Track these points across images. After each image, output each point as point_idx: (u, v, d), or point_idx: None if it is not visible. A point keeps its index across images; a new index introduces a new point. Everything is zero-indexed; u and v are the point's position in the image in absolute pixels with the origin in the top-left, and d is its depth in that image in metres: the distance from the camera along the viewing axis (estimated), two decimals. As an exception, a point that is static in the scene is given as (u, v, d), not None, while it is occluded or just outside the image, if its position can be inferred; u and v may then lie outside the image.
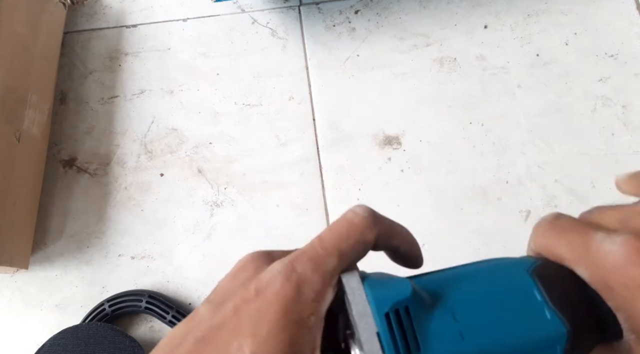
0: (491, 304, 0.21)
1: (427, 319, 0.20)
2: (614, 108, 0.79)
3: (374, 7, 0.87)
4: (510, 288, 0.21)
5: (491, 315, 0.21)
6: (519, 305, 0.21)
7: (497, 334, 0.20)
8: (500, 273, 0.22)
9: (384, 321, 0.19)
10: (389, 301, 0.20)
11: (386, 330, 0.19)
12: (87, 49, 0.87)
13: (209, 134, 0.80)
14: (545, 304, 0.21)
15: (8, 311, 0.73)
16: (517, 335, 0.20)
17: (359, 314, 0.20)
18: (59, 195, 0.78)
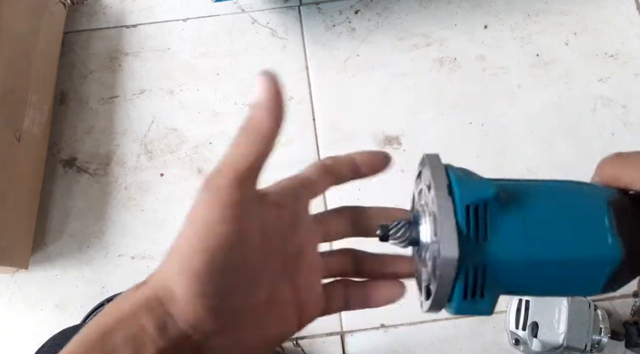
0: (561, 218, 0.23)
1: (500, 218, 0.23)
2: (614, 108, 0.79)
3: (374, 7, 0.87)
4: (584, 209, 0.24)
5: (559, 228, 0.23)
6: (587, 225, 0.23)
7: (558, 244, 0.23)
8: (580, 194, 0.25)
9: (464, 212, 0.22)
10: (473, 196, 0.23)
11: (464, 219, 0.22)
12: (87, 49, 0.87)
13: (209, 134, 0.80)
14: (610, 230, 0.23)
15: (8, 311, 0.72)
16: (576, 248, 0.23)
17: (441, 201, 0.23)
18: (59, 195, 0.78)
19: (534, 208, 0.24)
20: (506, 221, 0.23)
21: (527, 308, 0.64)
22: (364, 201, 0.82)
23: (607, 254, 0.23)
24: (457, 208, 0.23)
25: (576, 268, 0.23)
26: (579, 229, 0.23)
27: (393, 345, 0.68)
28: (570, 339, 0.61)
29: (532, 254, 0.23)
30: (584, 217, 0.23)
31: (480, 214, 0.23)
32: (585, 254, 0.23)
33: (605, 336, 0.62)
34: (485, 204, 0.23)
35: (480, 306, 0.23)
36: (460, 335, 0.69)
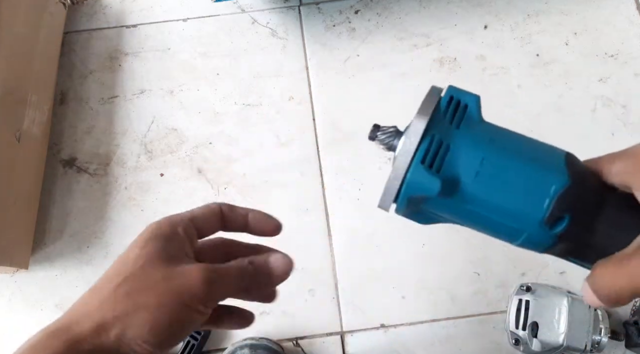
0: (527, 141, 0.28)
1: (477, 120, 0.27)
2: (614, 108, 0.79)
3: (374, 7, 0.87)
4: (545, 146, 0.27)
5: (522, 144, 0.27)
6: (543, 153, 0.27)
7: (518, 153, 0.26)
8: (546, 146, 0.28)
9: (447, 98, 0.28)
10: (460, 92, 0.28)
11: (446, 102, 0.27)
12: (87, 49, 0.87)
13: (209, 134, 0.80)
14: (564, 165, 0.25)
15: (8, 311, 0.73)
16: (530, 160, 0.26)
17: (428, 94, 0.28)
18: (59, 195, 0.78)
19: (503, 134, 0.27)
20: (481, 124, 0.27)
21: (527, 308, 0.64)
22: (364, 200, 0.82)
23: (556, 175, 0.25)
24: (443, 97, 0.27)
25: (528, 177, 0.25)
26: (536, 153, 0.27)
27: (393, 345, 0.68)
28: (570, 339, 0.61)
29: (492, 151, 0.26)
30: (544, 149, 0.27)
31: (461, 108, 0.27)
32: (535, 167, 0.25)
33: (605, 336, 0.62)
34: (466, 105, 0.27)
35: (431, 183, 0.25)
36: (460, 335, 0.69)
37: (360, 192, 0.76)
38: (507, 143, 0.27)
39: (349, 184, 0.77)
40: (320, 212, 0.75)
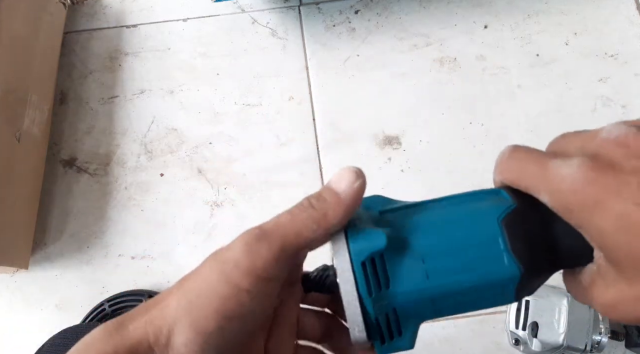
0: (457, 249, 0.24)
1: (398, 261, 0.24)
2: (614, 108, 0.79)
3: (374, 7, 0.87)
4: (477, 234, 0.24)
5: (456, 258, 0.24)
6: (482, 250, 0.24)
7: (459, 275, 0.24)
8: (471, 219, 0.25)
9: (360, 270, 0.23)
10: (365, 252, 0.23)
11: (362, 276, 0.23)
12: (87, 49, 0.87)
13: (209, 134, 0.80)
14: (505, 251, 0.23)
15: (8, 311, 0.73)
16: (476, 276, 0.24)
17: (341, 264, 0.24)
18: (59, 195, 0.78)
19: (430, 245, 0.24)
20: (405, 263, 0.24)
21: (527, 308, 0.64)
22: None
23: (506, 275, 0.23)
24: (355, 268, 0.23)
25: (481, 292, 0.24)
26: (475, 255, 0.24)
27: (393, 345, 0.68)
28: (570, 339, 0.61)
29: (435, 288, 0.24)
30: (479, 243, 0.24)
31: (378, 265, 0.24)
32: (485, 280, 0.24)
33: (605, 336, 0.62)
34: (382, 255, 0.24)
35: (401, 343, 0.25)
36: (460, 335, 0.69)
37: (360, 192, 0.76)
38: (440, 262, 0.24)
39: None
40: (320, 212, 0.75)
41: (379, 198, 0.28)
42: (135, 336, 0.23)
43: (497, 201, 0.25)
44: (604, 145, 0.22)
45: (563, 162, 0.22)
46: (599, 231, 0.21)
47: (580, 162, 0.21)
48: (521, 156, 0.24)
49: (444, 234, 0.25)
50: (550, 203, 0.22)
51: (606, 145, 0.22)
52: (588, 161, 0.21)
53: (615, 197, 0.20)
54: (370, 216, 0.26)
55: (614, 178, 0.20)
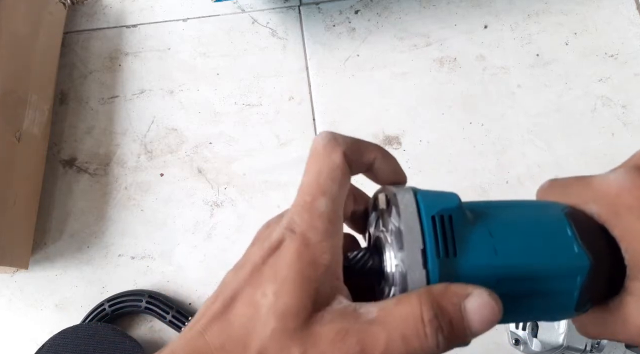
0: (527, 230, 0.23)
1: (467, 231, 0.22)
2: (614, 108, 0.79)
3: (374, 7, 0.87)
4: (546, 221, 0.23)
5: (525, 239, 0.23)
6: (551, 236, 0.23)
7: (528, 255, 0.22)
8: (539, 208, 0.25)
9: (430, 222, 0.21)
10: (436, 206, 0.22)
11: (431, 230, 0.21)
12: (87, 49, 0.87)
13: (209, 134, 0.80)
14: (575, 240, 0.23)
15: (8, 311, 0.73)
16: (545, 259, 0.22)
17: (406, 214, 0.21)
18: (59, 195, 0.78)
19: (499, 222, 0.23)
20: (473, 234, 0.22)
21: (527, 308, 0.64)
22: (364, 201, 0.81)
23: (576, 263, 0.22)
24: (424, 221, 0.22)
25: (548, 281, 0.23)
26: (545, 240, 0.23)
27: (393, 345, 0.68)
28: (570, 339, 0.61)
29: (502, 266, 0.22)
30: (548, 229, 0.23)
31: (447, 225, 0.22)
32: (555, 265, 0.22)
33: (605, 336, 0.62)
34: (450, 216, 0.22)
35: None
36: (460, 335, 0.69)
37: (360, 192, 0.76)
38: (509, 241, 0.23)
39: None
40: (320, 212, 0.75)
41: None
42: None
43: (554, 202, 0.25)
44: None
45: (608, 174, 0.22)
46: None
47: (626, 170, 0.22)
48: (561, 182, 0.25)
49: (512, 216, 0.24)
50: (597, 211, 0.22)
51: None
52: (633, 169, 0.22)
53: None
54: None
55: None
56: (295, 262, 0.20)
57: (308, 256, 0.21)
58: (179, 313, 0.68)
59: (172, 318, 0.68)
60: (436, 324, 0.19)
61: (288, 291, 0.20)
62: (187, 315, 0.69)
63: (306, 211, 0.22)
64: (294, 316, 0.19)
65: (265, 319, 0.19)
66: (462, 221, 0.22)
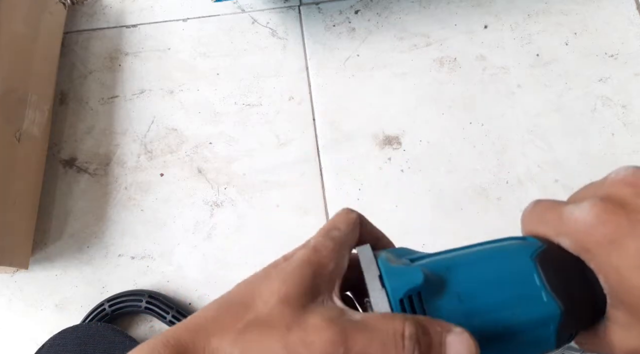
0: (494, 287, 0.23)
1: (436, 301, 0.23)
2: (614, 108, 0.79)
3: (374, 7, 0.87)
4: (512, 272, 0.23)
5: (494, 297, 0.23)
6: (519, 288, 0.23)
7: (499, 315, 0.23)
8: (504, 257, 0.24)
9: (399, 307, 0.22)
10: (403, 287, 0.22)
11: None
12: (87, 49, 0.87)
13: (209, 134, 0.80)
14: (543, 288, 0.23)
15: (8, 311, 0.73)
16: (516, 315, 0.23)
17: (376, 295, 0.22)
18: (59, 195, 0.78)
19: (466, 283, 0.23)
20: (442, 303, 0.23)
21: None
22: (364, 200, 0.82)
23: (546, 313, 0.23)
24: (392, 304, 0.22)
25: (522, 334, 0.23)
26: (513, 295, 0.23)
27: (393, 345, 0.68)
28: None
29: (476, 329, 0.22)
30: (516, 281, 0.23)
31: (416, 303, 0.22)
32: (526, 318, 0.23)
33: (605, 336, 0.62)
34: (419, 293, 0.22)
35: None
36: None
37: (360, 192, 0.76)
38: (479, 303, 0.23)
39: (349, 184, 0.77)
40: (320, 212, 0.75)
41: (405, 249, 0.27)
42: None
43: (526, 243, 0.25)
44: (613, 185, 0.22)
45: (575, 206, 0.23)
46: (616, 270, 0.21)
47: (591, 204, 0.22)
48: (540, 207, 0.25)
49: (478, 273, 0.24)
50: (569, 246, 0.23)
51: (615, 185, 0.22)
52: (599, 202, 0.22)
53: (629, 236, 0.21)
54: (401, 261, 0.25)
55: (626, 217, 0.21)
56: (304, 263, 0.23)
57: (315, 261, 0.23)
58: (179, 313, 0.68)
59: (172, 318, 0.68)
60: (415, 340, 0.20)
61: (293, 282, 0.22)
62: (187, 315, 0.69)
63: (322, 235, 0.25)
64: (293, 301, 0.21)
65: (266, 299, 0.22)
66: (430, 293, 0.23)
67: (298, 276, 0.22)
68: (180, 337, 0.21)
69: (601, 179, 0.24)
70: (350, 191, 0.76)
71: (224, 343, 0.21)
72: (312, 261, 0.23)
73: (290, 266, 0.23)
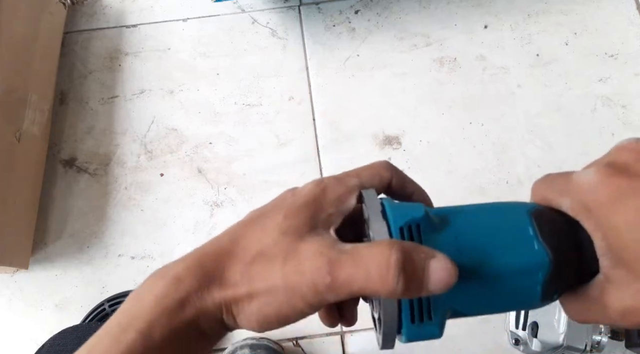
0: (489, 231, 0.25)
1: (433, 236, 0.24)
2: (614, 108, 0.79)
3: (374, 7, 0.87)
4: (508, 221, 0.25)
5: (487, 239, 0.24)
6: (513, 235, 0.25)
7: (490, 254, 0.24)
8: (502, 209, 0.26)
9: (398, 234, 0.24)
10: (404, 217, 0.24)
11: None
12: (87, 49, 0.87)
13: (209, 134, 0.80)
14: (535, 238, 0.24)
15: (8, 311, 0.73)
16: (506, 257, 0.24)
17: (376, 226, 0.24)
18: (59, 195, 0.78)
19: (464, 226, 0.25)
20: (439, 238, 0.24)
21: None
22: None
23: (535, 260, 0.24)
24: (392, 231, 0.24)
25: (510, 278, 0.24)
26: (506, 240, 0.25)
27: (393, 345, 0.68)
28: (570, 339, 0.61)
29: (465, 265, 0.23)
30: (511, 229, 0.25)
31: (415, 234, 0.24)
32: (515, 262, 0.24)
33: (605, 336, 0.62)
34: (418, 224, 0.24)
35: (429, 329, 0.25)
36: (460, 335, 0.69)
37: (360, 192, 0.76)
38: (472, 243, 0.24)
39: (349, 184, 0.76)
40: (320, 212, 0.75)
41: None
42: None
43: (526, 203, 0.26)
44: (617, 152, 0.24)
45: (582, 171, 0.24)
46: (614, 229, 0.22)
47: (597, 169, 0.24)
48: (550, 177, 0.26)
49: (477, 219, 0.25)
50: (571, 206, 0.24)
51: (619, 152, 0.24)
52: (603, 167, 0.23)
53: (630, 196, 0.22)
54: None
55: (628, 179, 0.22)
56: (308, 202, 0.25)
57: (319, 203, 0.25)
58: (179, 313, 0.68)
59: (172, 318, 0.68)
60: (400, 268, 0.21)
61: (295, 216, 0.25)
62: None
63: (338, 180, 0.26)
64: (291, 233, 0.24)
65: (270, 232, 0.24)
66: (429, 227, 0.24)
67: (298, 213, 0.25)
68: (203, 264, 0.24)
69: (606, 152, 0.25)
70: (350, 191, 0.76)
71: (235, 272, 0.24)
72: (317, 201, 0.25)
73: (294, 204, 0.25)
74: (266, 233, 0.25)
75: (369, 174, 0.27)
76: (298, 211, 0.25)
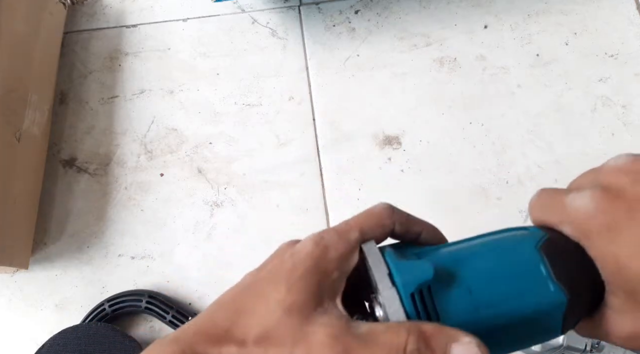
0: (502, 278, 0.24)
1: (445, 294, 0.23)
2: (614, 108, 0.79)
3: (374, 7, 0.87)
4: (519, 263, 0.24)
5: (502, 288, 0.23)
6: (526, 278, 0.24)
7: (507, 305, 0.23)
8: (510, 249, 0.25)
9: (410, 303, 0.22)
10: (414, 283, 0.22)
11: (412, 309, 0.22)
12: (87, 49, 0.87)
13: (209, 134, 0.80)
14: (549, 278, 0.23)
15: (8, 311, 0.73)
16: (525, 305, 0.23)
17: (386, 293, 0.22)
18: (59, 195, 0.78)
19: (475, 276, 0.24)
20: (452, 295, 0.23)
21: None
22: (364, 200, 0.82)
23: (553, 302, 0.23)
24: (403, 298, 0.23)
25: (530, 324, 0.24)
26: (521, 285, 0.24)
27: (393, 345, 0.68)
28: (570, 339, 0.61)
29: (484, 320, 0.23)
30: (523, 272, 0.24)
31: (426, 297, 0.23)
32: (534, 308, 0.23)
33: (605, 336, 0.62)
34: (429, 286, 0.23)
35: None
36: (460, 335, 0.69)
37: (360, 192, 0.76)
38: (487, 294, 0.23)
39: (349, 184, 0.77)
40: (320, 212, 0.75)
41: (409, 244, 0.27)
42: None
43: (529, 234, 0.25)
44: (611, 174, 0.24)
45: (577, 195, 0.24)
46: (614, 257, 0.22)
47: (591, 193, 0.23)
48: (544, 196, 0.26)
49: (486, 265, 0.24)
50: (571, 234, 0.23)
51: (613, 173, 0.23)
52: (598, 191, 0.23)
53: (627, 224, 0.21)
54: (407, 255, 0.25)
55: (624, 205, 0.22)
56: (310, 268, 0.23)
57: (322, 267, 0.23)
58: (178, 313, 0.68)
59: (172, 318, 0.68)
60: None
61: (297, 290, 0.22)
62: (187, 315, 0.69)
63: (338, 235, 0.24)
64: (297, 312, 0.22)
65: (272, 309, 0.22)
66: (439, 286, 0.23)
67: (301, 285, 0.22)
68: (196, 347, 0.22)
69: (600, 165, 0.25)
70: (350, 191, 0.76)
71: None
72: (319, 266, 0.23)
73: (296, 273, 0.23)
74: (268, 310, 0.22)
75: (371, 225, 0.25)
76: (301, 281, 0.23)
